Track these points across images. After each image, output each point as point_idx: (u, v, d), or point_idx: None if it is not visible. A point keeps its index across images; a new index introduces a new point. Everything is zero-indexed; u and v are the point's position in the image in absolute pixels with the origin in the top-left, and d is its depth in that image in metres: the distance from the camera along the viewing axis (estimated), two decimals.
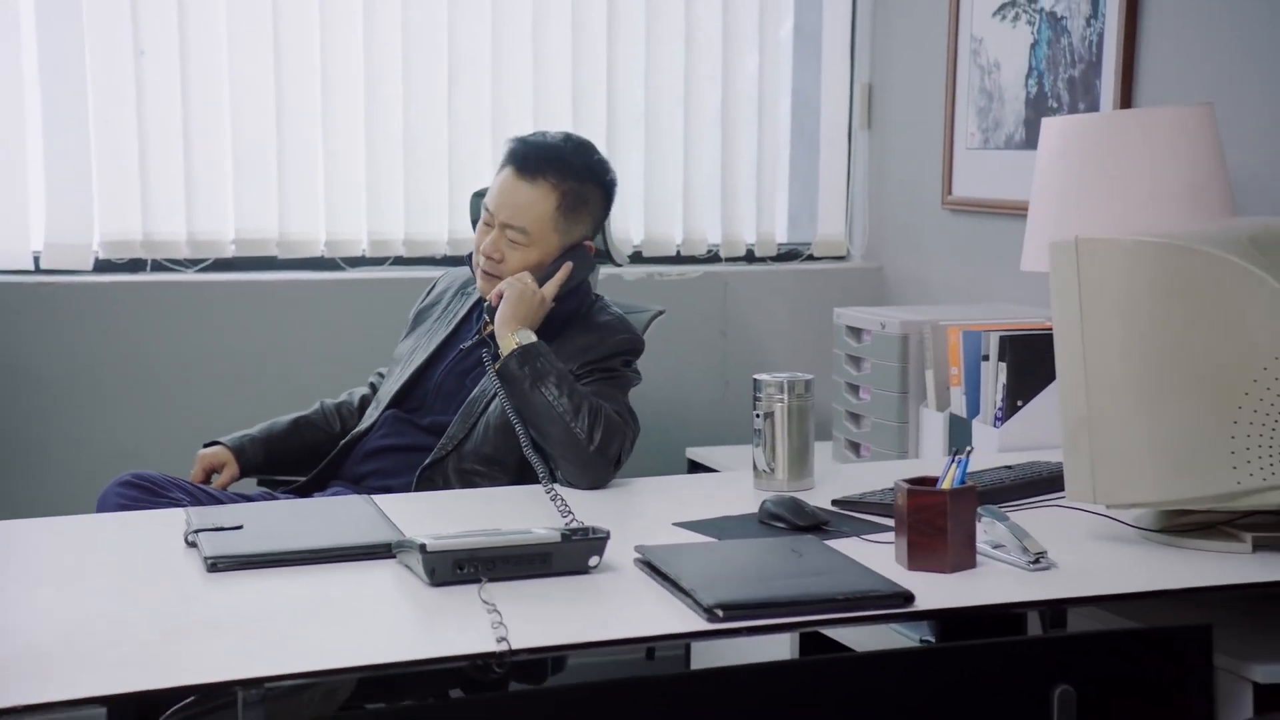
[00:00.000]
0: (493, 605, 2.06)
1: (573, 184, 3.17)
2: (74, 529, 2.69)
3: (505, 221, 3.14)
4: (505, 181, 3.18)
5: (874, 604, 2.16)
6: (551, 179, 3.15)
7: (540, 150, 3.19)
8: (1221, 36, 3.33)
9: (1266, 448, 2.28)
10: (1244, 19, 3.27)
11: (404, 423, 3.17)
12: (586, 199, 3.20)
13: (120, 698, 1.87)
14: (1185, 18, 3.42)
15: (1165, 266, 2.36)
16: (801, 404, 2.89)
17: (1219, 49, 3.33)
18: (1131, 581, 2.30)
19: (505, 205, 3.15)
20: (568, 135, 3.27)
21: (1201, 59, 3.37)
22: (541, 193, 3.15)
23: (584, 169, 3.21)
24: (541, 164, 3.16)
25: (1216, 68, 3.32)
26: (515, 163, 3.18)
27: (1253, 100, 3.22)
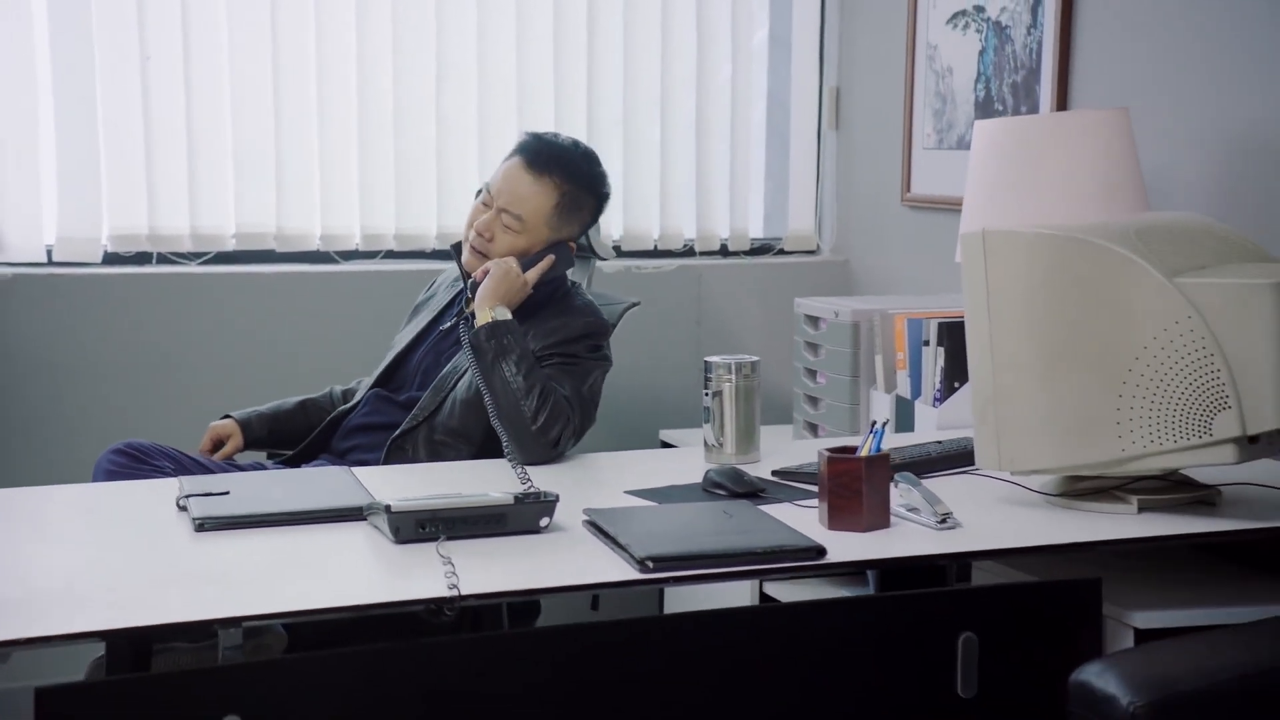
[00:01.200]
0: (448, 559, 2.27)
1: (573, 188, 3.34)
2: (76, 495, 2.89)
3: (504, 206, 3.29)
4: (512, 170, 3.33)
5: (789, 557, 2.37)
6: (556, 178, 3.31)
7: (552, 149, 3.35)
8: (1144, 45, 3.49)
9: (1147, 418, 2.49)
10: (1162, 30, 3.43)
11: (385, 401, 3.33)
12: (582, 205, 3.37)
13: (114, 633, 2.10)
14: (1112, 28, 3.58)
15: (1061, 256, 2.56)
16: (748, 384, 3.07)
17: (1142, 56, 3.49)
18: (1028, 538, 2.51)
19: (507, 191, 3.30)
20: (577, 142, 3.44)
21: (1127, 66, 3.53)
22: (544, 188, 3.31)
23: (587, 177, 3.38)
24: (550, 163, 3.32)
25: (1141, 74, 3.48)
26: (526, 155, 3.33)
27: (1168, 104, 3.39)
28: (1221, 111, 3.25)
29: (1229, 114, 3.23)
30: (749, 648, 2.38)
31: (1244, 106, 3.19)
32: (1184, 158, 3.35)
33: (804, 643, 2.41)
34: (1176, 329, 2.45)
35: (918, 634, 2.44)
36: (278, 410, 3.47)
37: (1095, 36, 3.64)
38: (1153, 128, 3.38)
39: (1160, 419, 2.48)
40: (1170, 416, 2.47)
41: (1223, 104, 3.25)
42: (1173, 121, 3.38)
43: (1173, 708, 2.01)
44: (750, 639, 2.40)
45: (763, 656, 2.38)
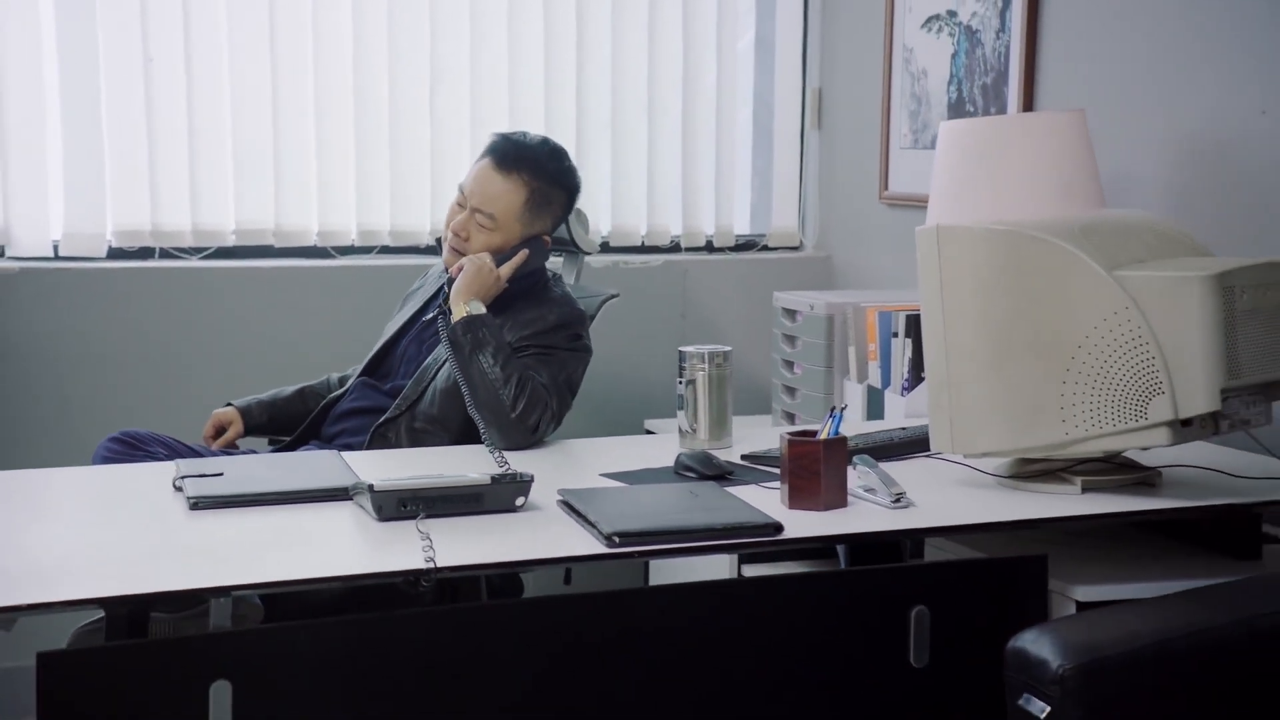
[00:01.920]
0: (426, 535, 2.39)
1: (542, 184, 3.45)
2: (76, 477, 3.01)
3: (477, 206, 3.40)
4: (482, 171, 3.44)
5: (748, 533, 2.50)
6: (525, 176, 3.42)
7: (519, 149, 3.46)
8: (1102, 50, 3.58)
9: (1089, 403, 2.62)
10: (1120, 36, 3.52)
11: (371, 388, 3.45)
12: (552, 200, 3.48)
13: (111, 600, 2.22)
14: (1074, 33, 3.67)
15: (1009, 251, 2.68)
16: (720, 372, 3.20)
17: (1101, 61, 3.58)
18: (976, 516, 2.64)
19: (479, 192, 3.42)
20: (545, 140, 3.54)
21: (1088, 70, 3.63)
22: (513, 186, 3.42)
23: (554, 173, 3.49)
24: (518, 161, 3.43)
25: (1100, 77, 3.58)
26: (495, 156, 3.44)
27: (1126, 106, 3.49)
28: (1175, 113, 3.34)
29: (1182, 116, 3.33)
30: (713, 620, 2.51)
31: (1195, 109, 3.28)
32: (1140, 157, 3.44)
33: (765, 616, 2.54)
34: (1115, 319, 2.58)
35: (873, 607, 2.57)
36: (276, 398, 3.59)
37: (1058, 41, 3.73)
38: (1111, 129, 3.46)
39: (1100, 404, 2.61)
40: (1109, 402, 2.60)
41: (1176, 106, 3.34)
42: (1130, 123, 3.47)
43: (1098, 670, 2.14)
44: (714, 612, 2.53)
45: (726, 628, 2.51)
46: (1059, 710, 2.13)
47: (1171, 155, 3.35)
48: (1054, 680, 2.14)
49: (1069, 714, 2.12)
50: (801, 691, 2.55)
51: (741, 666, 2.52)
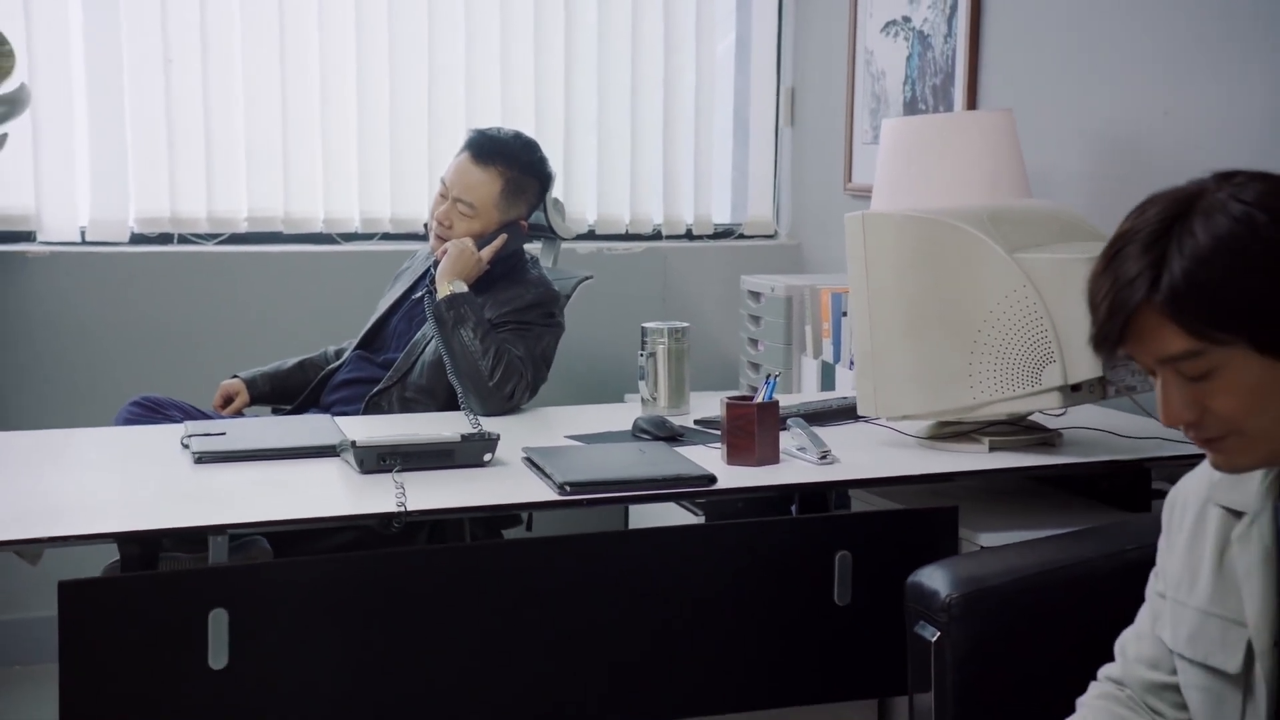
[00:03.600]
0: (401, 485, 2.62)
1: (516, 174, 3.67)
2: (96, 435, 3.24)
3: (457, 196, 3.63)
4: (462, 164, 3.67)
5: (685, 484, 2.73)
6: (500, 167, 3.65)
7: (494, 143, 3.69)
8: (1033, 54, 3.77)
9: (993, 372, 2.85)
10: (1048, 41, 3.72)
11: (365, 360, 3.67)
12: (525, 188, 3.71)
13: (123, 535, 2.47)
14: (1009, 38, 3.87)
15: (924, 235, 2.90)
16: (679, 346, 3.43)
17: (1032, 64, 3.77)
18: (891, 470, 2.87)
19: (459, 183, 3.64)
20: (518, 134, 3.77)
21: (1021, 72, 3.82)
22: (490, 176, 3.64)
23: (527, 164, 3.71)
24: (494, 154, 3.66)
25: (1032, 79, 3.77)
26: (472, 150, 3.67)
27: (1053, 106, 3.68)
28: (1093, 113, 3.54)
29: (1098, 116, 3.53)
30: (662, 562, 2.74)
31: (1110, 110, 3.48)
32: (1063, 153, 3.64)
33: (703, 559, 2.77)
34: (1015, 296, 2.81)
35: (801, 552, 2.80)
36: (278, 370, 3.81)
37: (996, 46, 3.93)
38: (1038, 127, 3.67)
39: (1002, 372, 2.84)
40: (1009, 369, 2.83)
41: (1094, 107, 3.54)
42: (1055, 122, 3.66)
43: (980, 598, 2.36)
44: (658, 556, 2.75)
45: (673, 570, 2.73)
46: (946, 634, 2.35)
47: (1089, 151, 3.54)
48: (942, 608, 2.37)
49: (954, 637, 2.34)
50: (739, 625, 2.77)
51: (686, 604, 2.74)
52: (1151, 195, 1.66)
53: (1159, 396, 1.66)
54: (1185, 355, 1.60)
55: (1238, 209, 1.57)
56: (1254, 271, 1.56)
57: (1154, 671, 1.90)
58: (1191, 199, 1.61)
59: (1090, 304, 1.66)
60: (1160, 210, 1.62)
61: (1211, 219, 1.58)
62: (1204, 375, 1.60)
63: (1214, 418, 1.62)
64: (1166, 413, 1.65)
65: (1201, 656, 1.78)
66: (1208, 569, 1.79)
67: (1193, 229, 1.58)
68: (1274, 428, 1.61)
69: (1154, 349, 1.61)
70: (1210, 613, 1.78)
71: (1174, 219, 1.60)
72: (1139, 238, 1.61)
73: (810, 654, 2.82)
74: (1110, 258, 1.64)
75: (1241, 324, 1.56)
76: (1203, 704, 1.80)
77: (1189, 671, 1.82)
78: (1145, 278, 1.59)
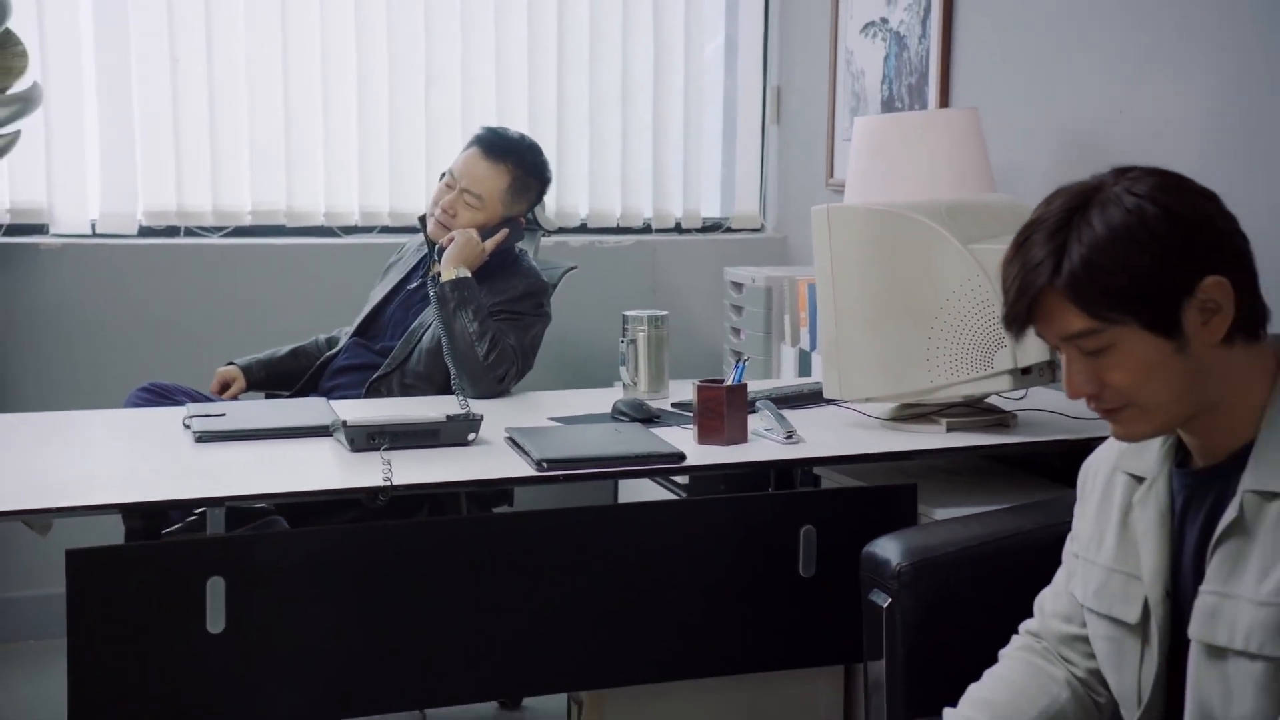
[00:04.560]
0: (388, 462, 2.75)
1: (522, 173, 3.82)
2: (104, 417, 3.37)
3: (466, 187, 3.76)
4: (472, 157, 3.80)
5: (655, 460, 2.87)
6: (509, 164, 3.80)
7: (505, 141, 3.84)
8: (1000, 54, 3.89)
9: (948, 356, 2.98)
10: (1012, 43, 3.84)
11: (362, 347, 3.79)
12: (529, 187, 3.85)
13: (126, 506, 2.60)
14: (978, 39, 3.98)
15: (885, 227, 3.02)
16: (659, 333, 3.56)
17: (999, 64, 3.89)
18: (852, 449, 3.00)
19: (468, 174, 3.78)
20: (523, 135, 3.92)
21: (990, 72, 3.94)
22: (499, 172, 3.79)
23: (532, 165, 3.86)
24: (504, 151, 3.81)
25: (1001, 78, 3.88)
26: (483, 145, 3.81)
27: (1019, 104, 3.80)
28: (1054, 112, 3.66)
29: (1059, 114, 3.65)
30: (634, 537, 2.87)
31: (1070, 108, 3.60)
32: (1027, 149, 3.76)
33: (676, 533, 2.90)
34: (969, 284, 2.94)
35: (768, 526, 2.93)
36: (272, 357, 3.92)
37: (967, 46, 4.04)
38: (1004, 124, 3.79)
39: (957, 356, 2.97)
40: (964, 354, 2.96)
41: (1055, 106, 3.66)
42: (1019, 119, 3.79)
43: (927, 566, 2.49)
44: (635, 530, 2.89)
45: (644, 543, 2.86)
46: (896, 600, 2.48)
47: (1052, 147, 3.66)
48: (893, 576, 2.51)
49: (904, 603, 2.48)
50: (710, 595, 2.90)
51: (661, 575, 2.87)
52: (1058, 188, 1.81)
53: (1064, 371, 1.81)
54: (1083, 333, 1.75)
55: (1130, 201, 1.73)
56: (1142, 258, 1.71)
57: (1067, 625, 2.05)
58: (1091, 192, 1.76)
59: (1003, 286, 1.81)
60: (1064, 202, 1.77)
61: (1106, 210, 1.73)
62: (1101, 351, 1.75)
63: (1111, 390, 1.77)
64: (1070, 386, 1.80)
65: (1106, 609, 1.93)
66: (1113, 530, 1.94)
67: (1090, 219, 1.73)
68: (1165, 399, 1.76)
69: (1057, 328, 1.77)
70: (1114, 569, 1.93)
71: (1075, 210, 1.75)
72: (1044, 226, 1.76)
73: (777, 623, 2.95)
74: (1019, 245, 1.79)
75: (1131, 305, 1.71)
76: (1108, 652, 1.95)
77: (1096, 623, 1.96)
78: (1048, 263, 1.74)
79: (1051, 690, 2.02)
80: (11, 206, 4.43)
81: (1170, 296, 1.72)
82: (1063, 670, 2.05)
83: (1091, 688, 2.03)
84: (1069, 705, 2.02)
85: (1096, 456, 2.05)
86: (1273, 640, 1.70)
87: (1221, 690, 1.77)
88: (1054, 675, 2.04)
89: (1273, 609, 1.71)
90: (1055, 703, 2.01)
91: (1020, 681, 2.03)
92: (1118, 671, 1.94)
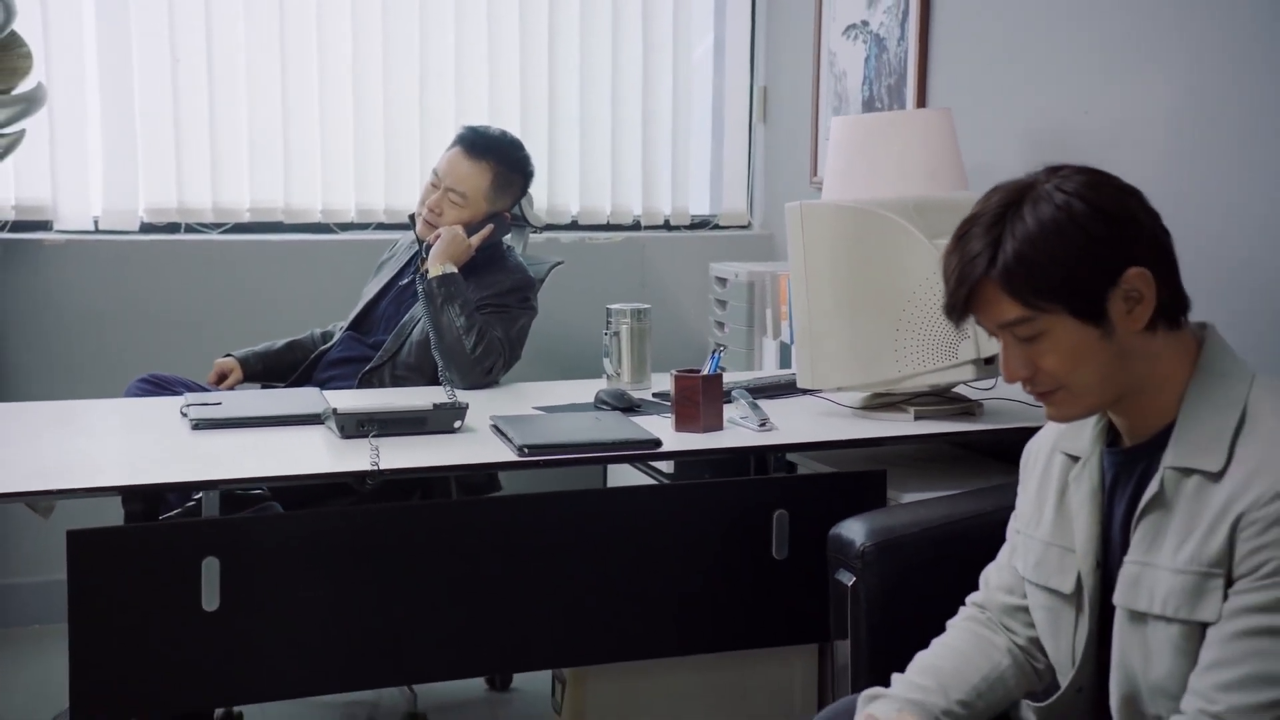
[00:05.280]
0: (376, 447, 2.85)
1: (504, 169, 3.91)
2: (106, 406, 3.48)
3: (450, 186, 3.85)
4: (455, 156, 3.89)
5: (632, 446, 2.97)
6: (490, 161, 3.89)
7: (485, 139, 3.93)
8: (975, 56, 3.98)
9: (915, 347, 3.08)
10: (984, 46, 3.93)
11: (355, 341, 3.89)
12: (512, 182, 3.95)
13: (126, 488, 2.71)
14: (954, 42, 4.07)
15: (855, 224, 3.13)
16: (641, 326, 3.66)
17: (975, 66, 3.98)
18: (822, 436, 3.11)
19: (451, 174, 3.87)
20: (504, 132, 4.00)
21: (966, 73, 4.03)
22: (481, 169, 3.88)
23: (514, 161, 3.95)
24: (485, 149, 3.90)
25: (976, 79, 3.98)
26: (464, 144, 3.90)
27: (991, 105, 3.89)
28: (1023, 112, 3.76)
29: (1027, 114, 3.75)
30: (615, 520, 2.97)
31: (1037, 108, 3.70)
32: (997, 148, 3.85)
33: (655, 517, 3.00)
34: (934, 278, 2.97)
35: (743, 510, 3.03)
36: (269, 349, 4.01)
37: (943, 49, 4.14)
38: (976, 124, 3.88)
39: (923, 347, 3.07)
40: (929, 345, 3.06)
41: (1024, 106, 3.76)
42: (990, 119, 3.88)
43: (890, 546, 2.60)
44: (617, 513, 2.99)
45: (625, 526, 2.97)
46: (861, 579, 2.60)
47: (1021, 146, 3.75)
48: (857, 556, 2.62)
49: (868, 581, 2.59)
50: (688, 576, 3.01)
51: (640, 556, 2.98)
52: (996, 185, 1.92)
53: (1001, 357, 1.91)
54: (1017, 321, 1.86)
55: (1060, 198, 1.84)
56: (1070, 251, 1.82)
57: (1009, 596, 2.16)
58: (1025, 189, 1.88)
59: (944, 277, 1.92)
60: (1000, 198, 1.88)
61: (1038, 206, 1.84)
62: (1033, 338, 1.86)
63: (1044, 374, 1.89)
64: (1006, 370, 1.91)
65: (1044, 580, 2.04)
66: (1050, 507, 2.05)
67: (1023, 214, 1.85)
68: (1093, 382, 1.87)
69: (993, 316, 1.88)
70: (1051, 543, 2.04)
71: (1010, 205, 1.87)
72: (982, 221, 1.88)
73: (751, 603, 3.06)
74: (960, 238, 1.90)
75: (1060, 295, 1.83)
76: (1045, 621, 2.06)
77: (1035, 593, 2.08)
78: (985, 256, 1.85)
79: (994, 657, 2.13)
80: (16, 204, 4.50)
81: (1096, 286, 1.83)
82: (1005, 639, 2.16)
83: (1031, 655, 2.14)
84: (1009, 671, 2.13)
85: (1037, 439, 2.16)
86: (1187, 605, 1.82)
87: (1142, 653, 1.88)
88: (996, 643, 2.15)
89: (1187, 576, 1.82)
90: (996, 669, 2.12)
91: (965, 649, 2.14)
92: (1054, 639, 2.06)
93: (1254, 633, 1.76)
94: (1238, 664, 1.76)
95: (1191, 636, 1.82)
